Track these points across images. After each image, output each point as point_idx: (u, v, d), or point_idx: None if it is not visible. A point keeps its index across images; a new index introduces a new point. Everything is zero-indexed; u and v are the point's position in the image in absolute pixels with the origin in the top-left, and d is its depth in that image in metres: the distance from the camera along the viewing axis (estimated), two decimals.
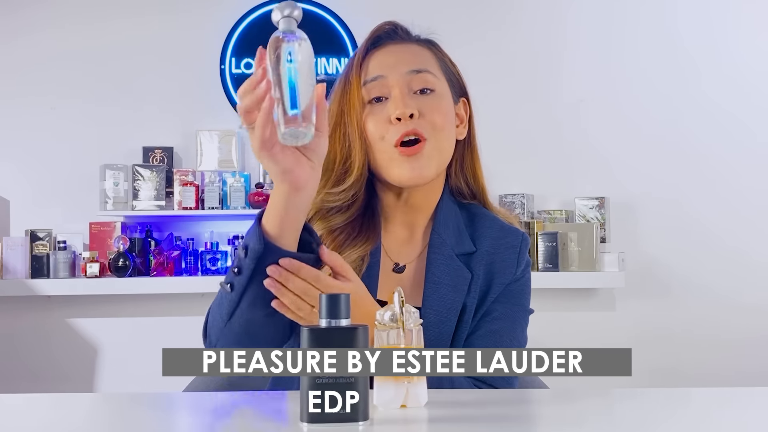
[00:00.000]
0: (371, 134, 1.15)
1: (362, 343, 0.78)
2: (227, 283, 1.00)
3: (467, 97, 1.26)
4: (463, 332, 1.16)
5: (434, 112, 1.15)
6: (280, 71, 0.87)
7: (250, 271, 0.96)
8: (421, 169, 1.13)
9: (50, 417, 0.92)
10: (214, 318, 1.04)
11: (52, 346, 3.20)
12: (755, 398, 0.97)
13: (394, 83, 1.15)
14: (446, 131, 1.17)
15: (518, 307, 1.21)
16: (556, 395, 1.00)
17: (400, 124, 1.13)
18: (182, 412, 0.94)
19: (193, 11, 3.38)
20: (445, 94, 1.19)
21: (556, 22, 3.37)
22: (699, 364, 3.13)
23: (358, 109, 1.15)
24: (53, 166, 3.33)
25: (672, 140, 3.27)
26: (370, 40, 1.20)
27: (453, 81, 1.23)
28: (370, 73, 1.17)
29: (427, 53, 1.21)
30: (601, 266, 3.05)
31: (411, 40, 1.22)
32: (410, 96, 1.15)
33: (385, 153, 1.14)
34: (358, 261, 1.14)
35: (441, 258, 1.18)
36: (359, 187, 1.17)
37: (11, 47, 3.37)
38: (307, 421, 0.77)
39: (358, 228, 1.17)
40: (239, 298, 0.99)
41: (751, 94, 3.27)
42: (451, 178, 1.25)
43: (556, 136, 3.29)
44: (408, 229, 1.23)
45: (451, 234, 1.20)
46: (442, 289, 1.16)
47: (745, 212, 3.22)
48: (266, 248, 0.95)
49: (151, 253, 3.11)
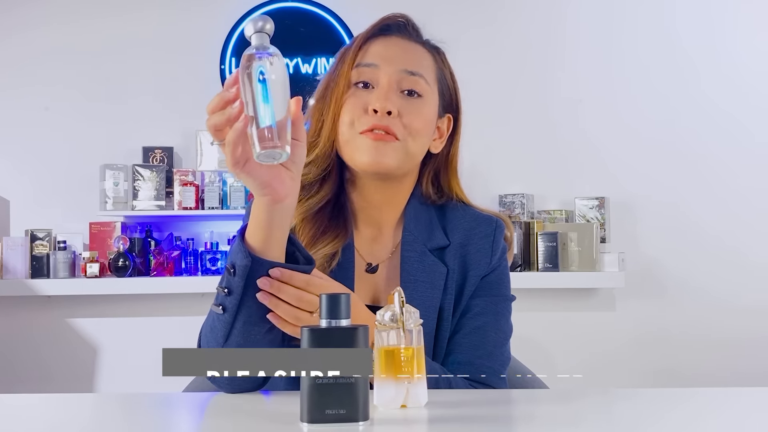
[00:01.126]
0: (345, 115, 1.13)
1: (362, 344, 0.78)
2: (218, 305, 0.97)
3: (456, 114, 1.23)
4: (445, 331, 1.14)
5: (414, 115, 1.13)
6: (253, 90, 0.86)
7: (240, 290, 0.94)
8: (384, 155, 1.11)
9: (50, 417, 0.92)
10: (209, 343, 1.01)
11: (52, 346, 3.20)
12: (754, 399, 0.97)
13: (384, 75, 1.14)
14: (421, 137, 1.15)
15: (499, 298, 1.18)
16: (556, 395, 1.01)
17: (375, 117, 1.11)
18: (182, 412, 0.94)
19: (193, 11, 3.38)
20: (432, 103, 1.17)
21: (555, 21, 3.37)
22: (698, 364, 3.13)
23: (342, 88, 1.14)
24: (53, 166, 3.33)
25: (672, 140, 3.27)
26: (378, 26, 1.18)
27: (445, 94, 1.21)
28: (366, 58, 1.15)
29: (429, 58, 1.20)
30: (601, 266, 3.05)
31: (418, 40, 1.21)
32: (396, 93, 1.13)
33: (349, 137, 1.13)
34: (328, 257, 1.13)
35: (414, 255, 1.17)
36: (325, 164, 1.16)
37: (11, 46, 3.37)
38: (307, 421, 0.77)
39: (326, 221, 1.16)
40: (233, 319, 0.96)
41: (749, 94, 3.27)
42: (422, 185, 1.23)
43: (556, 136, 3.29)
44: (376, 227, 1.21)
45: (422, 229, 1.19)
46: (420, 286, 1.14)
47: (745, 213, 3.22)
48: (254, 263, 0.93)
49: (151, 253, 3.11)
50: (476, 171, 3.09)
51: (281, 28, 3.33)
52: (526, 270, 3.05)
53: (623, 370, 3.15)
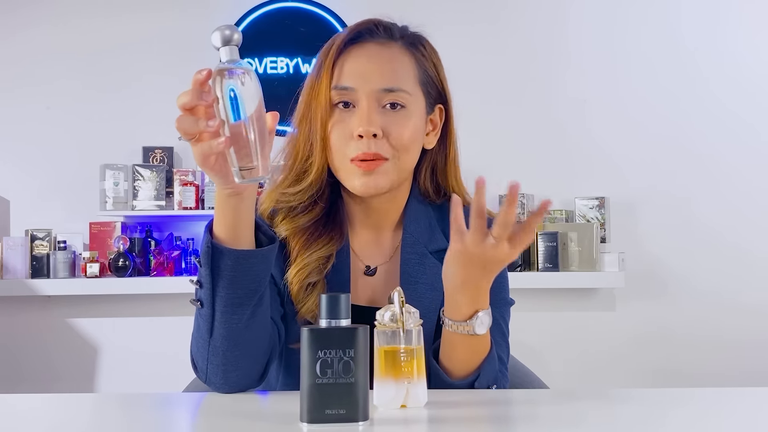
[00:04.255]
0: (333, 143, 1.12)
1: (362, 343, 0.79)
2: (197, 300, 1.00)
3: (446, 104, 1.20)
4: None
5: (400, 130, 1.11)
6: (227, 109, 0.85)
7: (209, 279, 0.98)
8: (376, 182, 1.10)
9: (50, 417, 0.92)
10: (198, 344, 1.03)
11: (52, 346, 3.20)
12: (756, 398, 0.97)
13: (363, 97, 1.11)
14: (410, 151, 1.13)
15: (501, 302, 1.18)
16: (556, 395, 1.00)
17: (361, 142, 1.09)
18: (182, 412, 0.94)
19: (193, 11, 3.38)
20: (417, 110, 1.14)
21: (557, 21, 3.37)
22: (699, 364, 3.13)
23: (325, 109, 1.12)
24: (53, 166, 3.33)
25: (672, 140, 3.27)
26: (349, 36, 1.14)
27: (431, 90, 1.18)
28: (341, 80, 1.11)
29: (407, 61, 1.15)
30: (601, 266, 3.05)
31: (393, 39, 1.16)
32: (377, 111, 1.10)
33: (341, 164, 1.12)
34: (322, 260, 1.12)
35: (415, 257, 1.16)
36: (317, 188, 1.14)
37: (12, 46, 3.37)
38: (307, 421, 0.77)
39: (321, 227, 1.15)
40: (212, 310, 0.99)
41: (753, 92, 3.27)
42: (420, 183, 1.21)
43: (556, 136, 3.29)
44: (374, 231, 1.20)
45: (423, 231, 1.18)
46: (420, 288, 1.14)
47: (745, 211, 3.22)
48: (214, 249, 0.97)
49: (151, 253, 3.12)
50: (476, 171, 3.09)
51: (281, 28, 3.35)
52: (526, 270, 3.04)
53: (623, 370, 3.15)
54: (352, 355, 0.78)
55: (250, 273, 0.98)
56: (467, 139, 1.29)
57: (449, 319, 1.03)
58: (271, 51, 3.33)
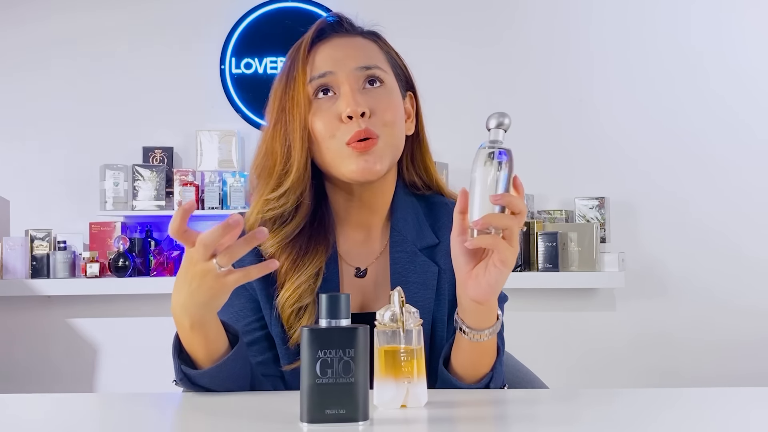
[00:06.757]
0: (319, 132, 1.11)
1: (362, 343, 0.79)
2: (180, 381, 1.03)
3: (414, 91, 1.23)
4: (441, 331, 1.14)
5: (384, 106, 1.12)
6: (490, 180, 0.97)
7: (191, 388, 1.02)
8: (374, 163, 1.10)
9: (50, 417, 0.92)
10: None
11: (52, 346, 3.20)
12: (754, 399, 0.97)
13: (344, 79, 1.12)
14: (397, 126, 1.14)
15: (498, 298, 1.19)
16: (556, 395, 1.01)
17: (352, 123, 1.09)
18: (182, 412, 0.94)
19: (193, 11, 3.38)
20: (394, 88, 1.16)
21: (557, 21, 3.37)
22: (698, 364, 3.13)
23: (303, 106, 1.12)
24: (53, 166, 3.33)
25: (671, 140, 3.27)
26: (314, 33, 1.16)
27: (400, 75, 1.20)
28: (317, 69, 1.13)
29: (374, 47, 1.18)
30: (601, 266, 3.05)
31: (356, 32, 1.19)
32: (360, 92, 1.12)
33: (335, 151, 1.11)
34: (312, 278, 1.11)
35: (404, 255, 1.16)
36: (300, 188, 1.13)
37: (12, 46, 3.37)
38: (307, 421, 0.77)
39: (307, 239, 1.14)
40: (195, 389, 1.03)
41: (752, 91, 3.26)
42: (404, 173, 1.22)
43: (556, 135, 3.29)
44: (364, 230, 1.20)
45: (411, 228, 1.17)
46: (411, 287, 1.13)
47: (745, 211, 3.22)
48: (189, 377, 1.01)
49: (151, 253, 3.12)
50: None
51: (281, 28, 3.35)
52: (526, 270, 3.04)
53: (623, 370, 3.15)
54: (352, 355, 0.77)
55: (229, 372, 1.02)
56: (467, 140, 1.30)
57: (473, 329, 1.01)
58: (271, 51, 3.33)
